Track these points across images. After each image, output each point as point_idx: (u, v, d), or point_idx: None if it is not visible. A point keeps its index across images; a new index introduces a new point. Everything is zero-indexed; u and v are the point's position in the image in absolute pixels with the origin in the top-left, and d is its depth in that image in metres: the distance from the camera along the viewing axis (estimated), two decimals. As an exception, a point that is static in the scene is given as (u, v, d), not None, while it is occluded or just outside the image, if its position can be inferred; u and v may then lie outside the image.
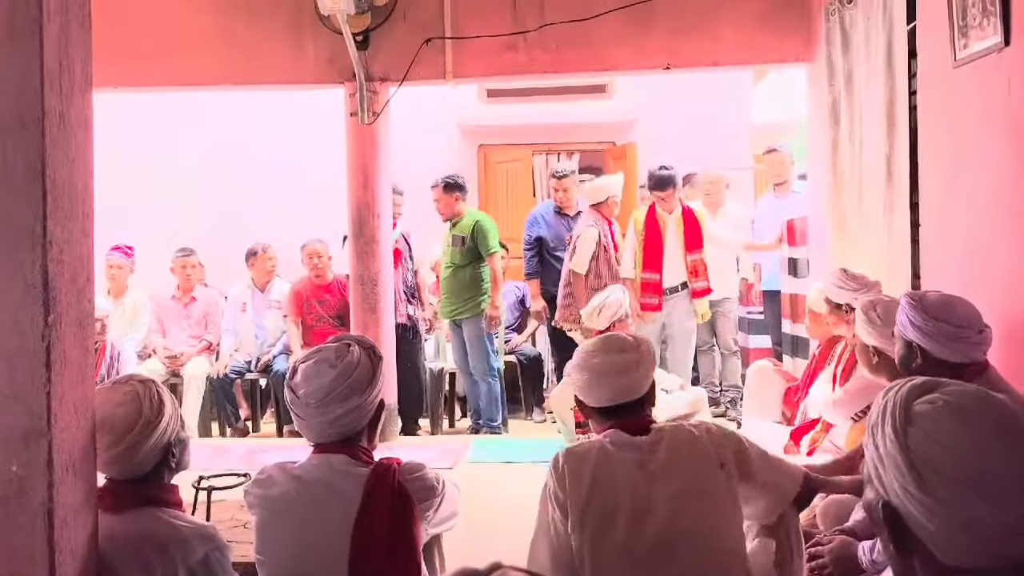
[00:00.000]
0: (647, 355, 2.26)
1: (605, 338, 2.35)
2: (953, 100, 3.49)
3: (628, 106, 7.90)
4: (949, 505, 1.10)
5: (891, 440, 1.15)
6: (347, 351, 2.09)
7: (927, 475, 1.12)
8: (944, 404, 1.15)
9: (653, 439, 2.15)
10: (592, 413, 2.28)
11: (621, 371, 2.20)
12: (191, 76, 5.76)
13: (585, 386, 2.25)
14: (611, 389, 2.21)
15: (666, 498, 2.06)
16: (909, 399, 1.17)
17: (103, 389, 2.06)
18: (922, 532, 1.13)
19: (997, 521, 1.08)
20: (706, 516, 2.07)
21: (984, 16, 3.12)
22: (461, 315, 6.15)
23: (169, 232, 7.04)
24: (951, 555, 1.12)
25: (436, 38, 5.49)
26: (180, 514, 2.04)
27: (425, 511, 2.10)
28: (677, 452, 2.12)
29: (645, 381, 2.24)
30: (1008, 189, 3.09)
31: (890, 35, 4.03)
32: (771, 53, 5.43)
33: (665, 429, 2.19)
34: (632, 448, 2.13)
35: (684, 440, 2.15)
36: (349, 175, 5.74)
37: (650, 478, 2.08)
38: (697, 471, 2.10)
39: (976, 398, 1.16)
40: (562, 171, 6.51)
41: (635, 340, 2.31)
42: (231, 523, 3.69)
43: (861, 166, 4.46)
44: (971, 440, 1.12)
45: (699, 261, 5.94)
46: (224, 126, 7.72)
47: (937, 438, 1.13)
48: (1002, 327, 2.87)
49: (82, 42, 1.87)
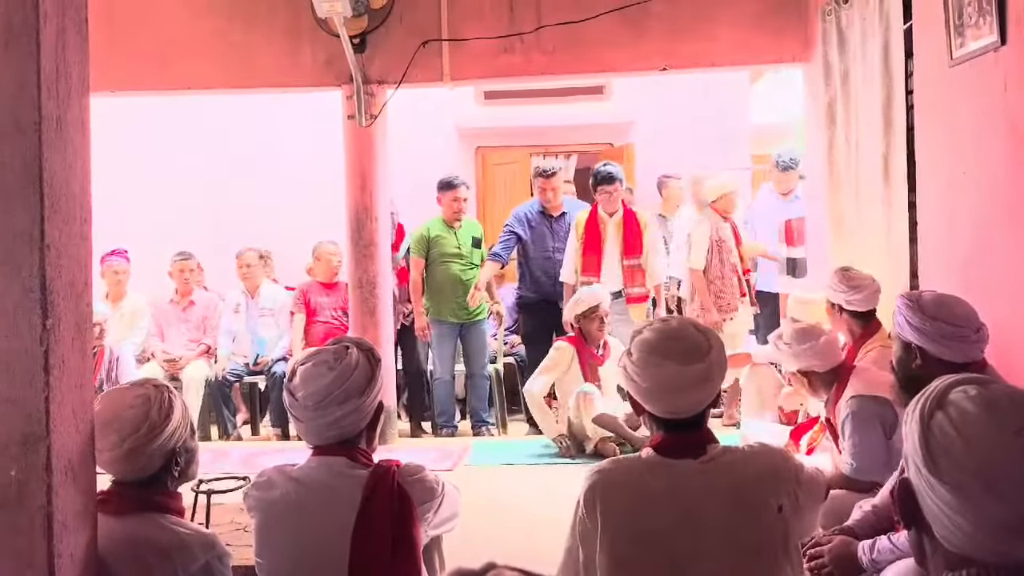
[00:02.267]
0: (718, 363, 1.93)
1: (671, 338, 1.95)
2: (950, 99, 3.49)
3: (625, 107, 7.90)
4: (955, 491, 1.11)
5: (917, 419, 1.18)
6: (345, 353, 2.09)
7: (939, 457, 1.14)
8: (977, 395, 1.17)
9: (703, 467, 1.89)
10: (646, 413, 2.00)
11: (686, 387, 1.91)
12: (188, 80, 5.76)
13: (643, 394, 1.96)
14: (672, 405, 1.93)
15: (709, 541, 1.84)
16: (949, 387, 1.19)
17: (117, 389, 2.13)
18: (929, 512, 1.15)
19: (998, 516, 1.09)
20: (749, 566, 1.86)
21: (980, 15, 3.12)
22: (479, 316, 6.15)
23: (167, 236, 7.05)
24: (952, 541, 1.13)
25: (433, 40, 5.49)
26: (182, 521, 2.05)
27: (425, 513, 2.09)
28: (731, 492, 1.87)
29: (713, 394, 1.95)
30: (1005, 187, 3.10)
31: (886, 35, 4.04)
32: (768, 54, 5.43)
33: (721, 458, 1.92)
34: (675, 477, 1.89)
35: (742, 478, 1.88)
36: (347, 178, 5.74)
37: (694, 517, 1.85)
38: (751, 518, 1.86)
39: (1012, 396, 1.17)
40: (550, 168, 6.14)
41: (706, 340, 1.95)
42: (231, 526, 3.69)
43: (858, 166, 4.47)
44: (990, 433, 1.13)
45: (636, 266, 5.74)
46: (222, 130, 7.72)
47: (958, 425, 1.15)
48: (1000, 325, 2.88)
49: (79, 46, 1.87)
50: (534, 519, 3.93)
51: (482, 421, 6.13)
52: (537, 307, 6.10)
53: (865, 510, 2.64)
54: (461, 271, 6.10)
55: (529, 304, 6.16)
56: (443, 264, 6.09)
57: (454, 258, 6.10)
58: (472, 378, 6.21)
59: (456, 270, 6.09)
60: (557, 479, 4.50)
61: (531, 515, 4.02)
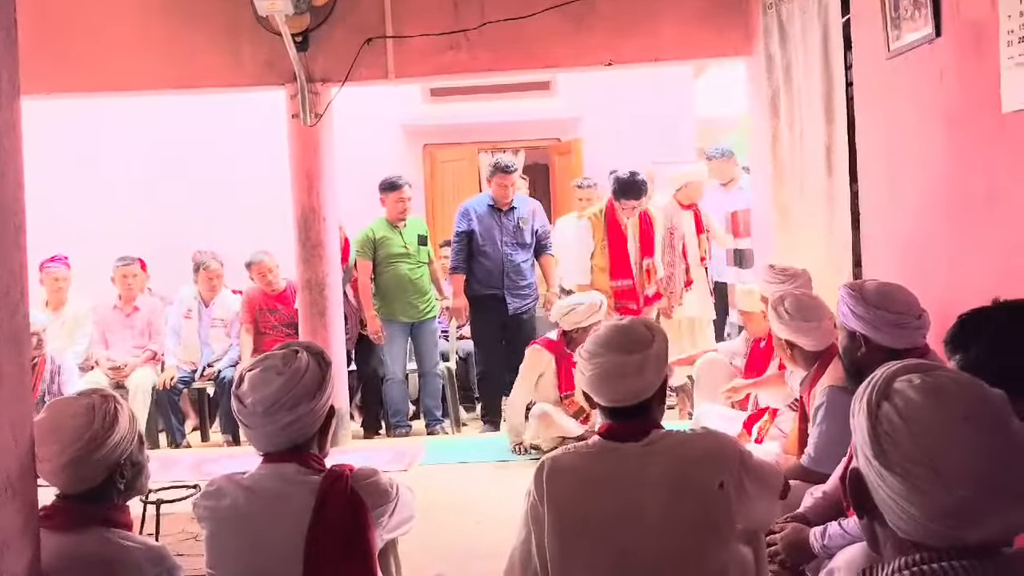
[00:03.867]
0: (657, 354, 2.06)
1: (617, 331, 2.11)
2: (888, 91, 3.57)
3: (572, 103, 7.94)
4: (903, 478, 1.13)
5: (863, 410, 1.19)
6: (295, 357, 2.05)
7: (888, 447, 1.15)
8: (922, 383, 1.18)
9: (644, 450, 1.99)
10: (597, 406, 2.13)
11: (625, 375, 2.03)
12: (125, 81, 5.64)
13: (588, 383, 2.09)
14: (613, 392, 2.06)
15: (652, 520, 1.93)
16: (894, 375, 1.20)
17: (62, 398, 2.09)
18: (879, 500, 1.17)
19: (947, 502, 1.11)
20: (693, 541, 1.94)
21: (915, 8, 3.19)
22: (429, 314, 6.13)
23: (109, 240, 6.90)
24: (903, 528, 1.15)
25: (377, 38, 5.44)
26: (129, 534, 2.00)
27: (379, 517, 2.06)
28: (671, 471, 1.96)
29: (651, 384, 2.06)
30: (943, 177, 3.17)
31: (825, 28, 4.11)
32: (711, 48, 5.49)
33: (661, 441, 2.02)
34: (619, 461, 1.99)
35: (682, 458, 1.98)
36: (292, 178, 5.67)
37: (637, 498, 1.94)
38: (691, 494, 1.95)
39: (957, 382, 1.19)
40: (512, 165, 6.06)
41: (650, 334, 2.09)
42: (181, 536, 3.63)
43: (802, 157, 4.54)
44: (937, 418, 1.14)
45: (650, 266, 5.77)
46: (164, 131, 7.59)
47: (904, 412, 1.16)
48: (940, 311, 2.94)
49: (8, 48, 1.81)
50: (488, 516, 3.93)
51: (435, 420, 6.11)
52: (485, 302, 6.02)
53: (816, 496, 2.68)
54: (410, 270, 6.06)
55: (477, 299, 6.03)
56: (391, 265, 6.04)
57: (402, 258, 6.06)
58: (424, 377, 6.18)
59: (405, 270, 6.05)
60: (511, 476, 4.51)
61: (485, 513, 4.02)
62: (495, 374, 6.03)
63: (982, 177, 2.90)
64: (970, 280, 2.99)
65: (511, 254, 5.98)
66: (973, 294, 2.23)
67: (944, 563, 1.12)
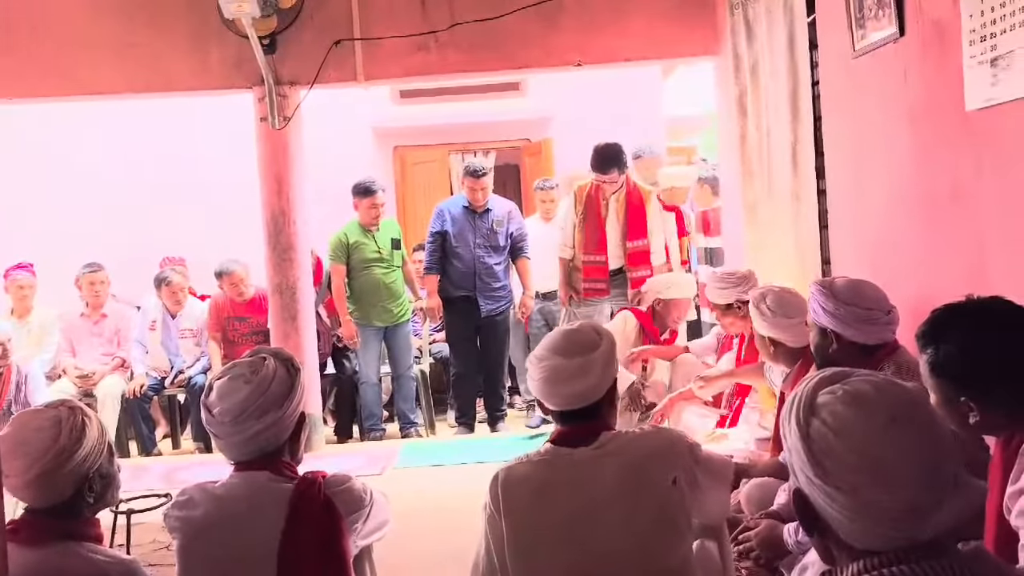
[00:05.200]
0: (601, 359, 2.07)
1: (564, 335, 2.14)
2: (854, 90, 3.60)
3: (542, 103, 7.94)
4: (847, 491, 1.14)
5: (795, 432, 1.20)
6: (262, 365, 2.03)
7: (826, 463, 1.16)
8: (843, 393, 1.19)
9: (595, 453, 2.01)
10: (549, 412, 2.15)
11: (570, 378, 2.04)
12: (90, 85, 5.56)
13: (537, 387, 2.11)
14: (560, 395, 2.07)
15: (609, 522, 1.95)
16: (815, 390, 1.22)
17: (29, 411, 2.02)
18: (828, 517, 1.18)
19: (890, 505, 1.13)
20: (651, 538, 1.96)
21: (879, 8, 3.23)
22: (403, 318, 6.11)
23: (75, 246, 6.80)
24: (856, 538, 1.16)
25: (345, 39, 5.41)
26: (99, 548, 1.96)
27: (354, 523, 2.05)
28: (624, 471, 1.98)
29: (599, 387, 2.07)
30: (908, 175, 3.21)
31: (791, 27, 4.14)
32: (679, 48, 5.52)
33: (612, 442, 2.03)
34: (572, 466, 2.01)
35: (634, 457, 2.00)
36: (261, 182, 5.62)
37: (593, 501, 1.96)
38: (645, 492, 1.97)
39: (876, 386, 1.20)
40: (482, 169, 6.02)
41: (597, 337, 2.11)
42: (153, 546, 3.59)
43: (769, 156, 4.57)
44: (866, 427, 1.16)
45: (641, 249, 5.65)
46: (130, 135, 7.50)
47: (834, 427, 1.17)
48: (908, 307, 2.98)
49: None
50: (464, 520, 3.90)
51: (409, 423, 6.09)
52: (458, 304, 6.02)
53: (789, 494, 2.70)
54: (383, 274, 6.04)
55: (450, 300, 6.03)
56: (365, 269, 6.01)
57: (375, 262, 6.03)
58: (398, 380, 6.15)
59: (378, 274, 6.03)
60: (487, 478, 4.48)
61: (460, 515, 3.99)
62: (469, 376, 6.03)
63: (947, 174, 2.94)
64: (937, 276, 3.03)
65: (483, 256, 5.98)
66: (941, 290, 2.27)
67: (903, 566, 1.13)
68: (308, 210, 5.79)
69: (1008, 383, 1.74)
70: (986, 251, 2.75)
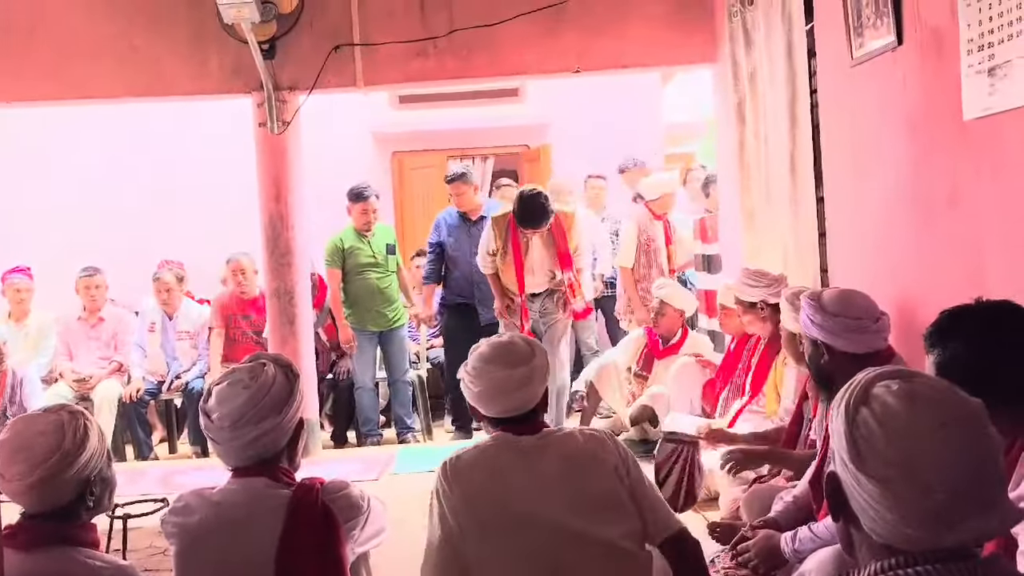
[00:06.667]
0: (540, 368, 2.22)
1: (500, 347, 2.25)
2: (852, 98, 3.61)
3: (541, 109, 7.94)
4: (877, 482, 1.14)
5: (841, 415, 1.20)
6: (261, 371, 2.03)
7: (863, 449, 1.16)
8: (899, 388, 1.18)
9: (540, 443, 2.17)
10: (484, 418, 2.28)
11: (517, 387, 2.18)
12: (89, 90, 5.56)
13: (477, 398, 2.23)
14: (502, 404, 2.21)
15: (558, 501, 2.07)
16: (873, 381, 1.21)
17: (29, 415, 2.01)
18: (855, 505, 1.17)
19: (922, 508, 1.12)
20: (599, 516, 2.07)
21: (878, 16, 3.23)
22: (398, 323, 6.12)
23: (73, 250, 6.79)
24: (878, 531, 1.15)
25: (345, 45, 5.42)
26: (96, 553, 1.95)
27: (351, 530, 2.05)
28: (569, 458, 2.13)
29: (537, 394, 2.23)
30: (906, 183, 3.21)
31: (790, 35, 4.15)
32: (678, 55, 5.53)
33: (554, 434, 2.21)
34: (520, 453, 2.15)
35: (577, 446, 2.17)
36: (260, 186, 5.62)
37: (542, 484, 2.10)
38: (592, 476, 2.11)
39: (936, 389, 1.20)
40: (451, 175, 6.10)
41: (530, 349, 2.25)
42: (149, 551, 3.59)
43: (767, 163, 4.58)
44: (913, 425, 1.15)
45: (573, 279, 5.58)
46: (129, 139, 7.49)
47: (881, 417, 1.16)
48: (905, 314, 2.99)
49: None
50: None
51: (406, 428, 6.09)
52: (457, 310, 6.12)
53: (786, 501, 2.70)
54: (379, 279, 6.05)
55: (450, 307, 6.16)
56: (360, 274, 6.02)
57: (370, 267, 6.04)
58: (394, 385, 6.16)
59: (373, 279, 6.03)
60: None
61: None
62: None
63: (945, 182, 2.94)
64: (935, 283, 3.03)
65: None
66: (938, 297, 2.26)
67: (920, 567, 1.13)
68: (306, 215, 5.81)
69: (1014, 387, 1.73)
70: (984, 259, 2.75)
